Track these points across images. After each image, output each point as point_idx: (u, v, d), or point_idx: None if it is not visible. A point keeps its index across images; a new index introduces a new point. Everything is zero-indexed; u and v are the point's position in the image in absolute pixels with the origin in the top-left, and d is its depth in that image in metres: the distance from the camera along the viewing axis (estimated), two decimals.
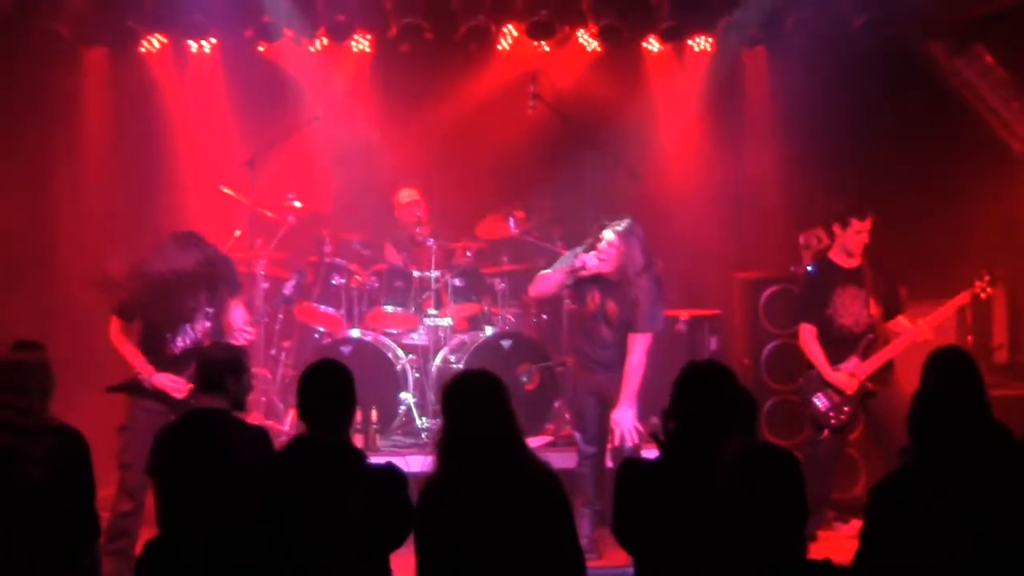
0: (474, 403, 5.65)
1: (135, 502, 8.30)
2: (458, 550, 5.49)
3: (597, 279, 8.90)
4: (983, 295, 9.38)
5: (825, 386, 9.29)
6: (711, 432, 5.54)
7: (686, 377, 5.73)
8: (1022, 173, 11.70)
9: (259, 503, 5.58)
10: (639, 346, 8.80)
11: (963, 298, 9.32)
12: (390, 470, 5.81)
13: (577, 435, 9.15)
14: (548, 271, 9.29)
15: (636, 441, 8.73)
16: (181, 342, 8.46)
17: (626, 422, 8.72)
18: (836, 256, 9.47)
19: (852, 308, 9.34)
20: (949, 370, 6.43)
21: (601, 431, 9.03)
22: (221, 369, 6.84)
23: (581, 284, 8.99)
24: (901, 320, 9.41)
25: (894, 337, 9.36)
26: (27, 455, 6.12)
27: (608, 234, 8.79)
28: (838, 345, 9.31)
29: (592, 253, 8.80)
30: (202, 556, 5.44)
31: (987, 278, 9.22)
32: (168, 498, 6.48)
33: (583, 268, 8.82)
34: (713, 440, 5.48)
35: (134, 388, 8.32)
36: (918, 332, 9.22)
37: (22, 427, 6.35)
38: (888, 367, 9.31)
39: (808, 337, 9.42)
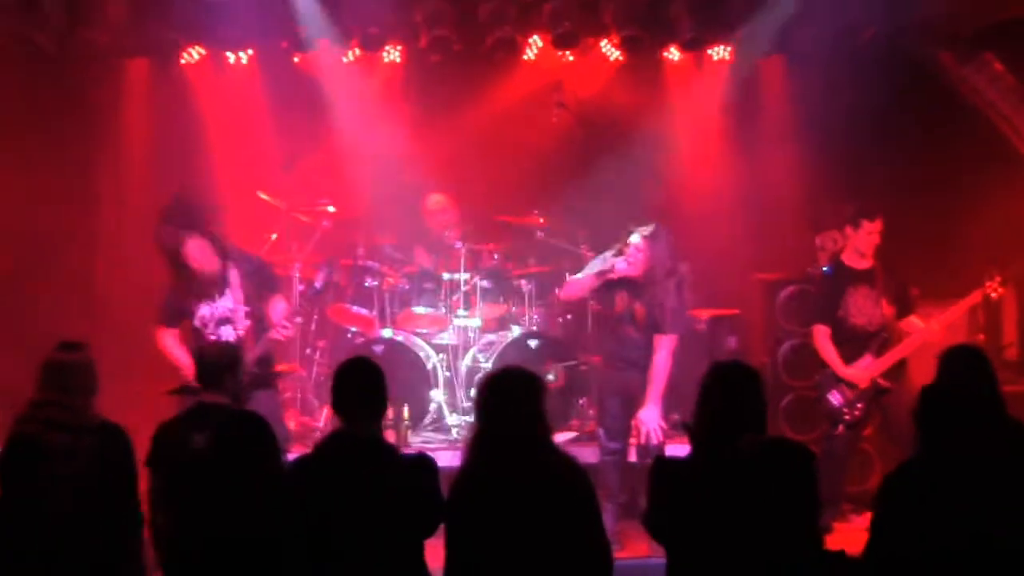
0: (508, 400, 5.67)
1: None
2: (487, 543, 5.53)
3: (625, 282, 8.95)
4: (994, 296, 9.36)
5: (839, 383, 9.30)
6: (737, 430, 5.57)
7: (714, 377, 5.76)
8: None
9: (298, 494, 5.60)
10: (664, 347, 8.85)
11: (974, 298, 9.32)
12: (421, 458, 5.87)
13: (600, 431, 9.19)
14: (578, 276, 9.34)
15: (661, 439, 8.78)
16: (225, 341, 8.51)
17: (651, 421, 8.77)
18: (848, 258, 9.48)
19: (865, 308, 9.34)
20: (963, 367, 6.43)
21: (624, 428, 9.08)
22: (220, 367, 6.94)
23: (609, 287, 9.04)
24: (912, 320, 9.41)
25: (906, 336, 9.35)
26: (75, 451, 6.18)
27: (635, 238, 8.85)
28: (852, 344, 9.32)
29: (620, 257, 8.84)
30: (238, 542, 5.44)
31: (998, 279, 9.21)
32: (169, 489, 6.51)
33: (611, 271, 8.86)
34: (739, 438, 5.51)
35: (188, 390, 8.38)
36: (930, 331, 9.23)
37: (69, 424, 6.42)
38: (901, 365, 9.31)
39: (822, 338, 9.44)
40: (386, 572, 5.62)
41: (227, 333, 8.61)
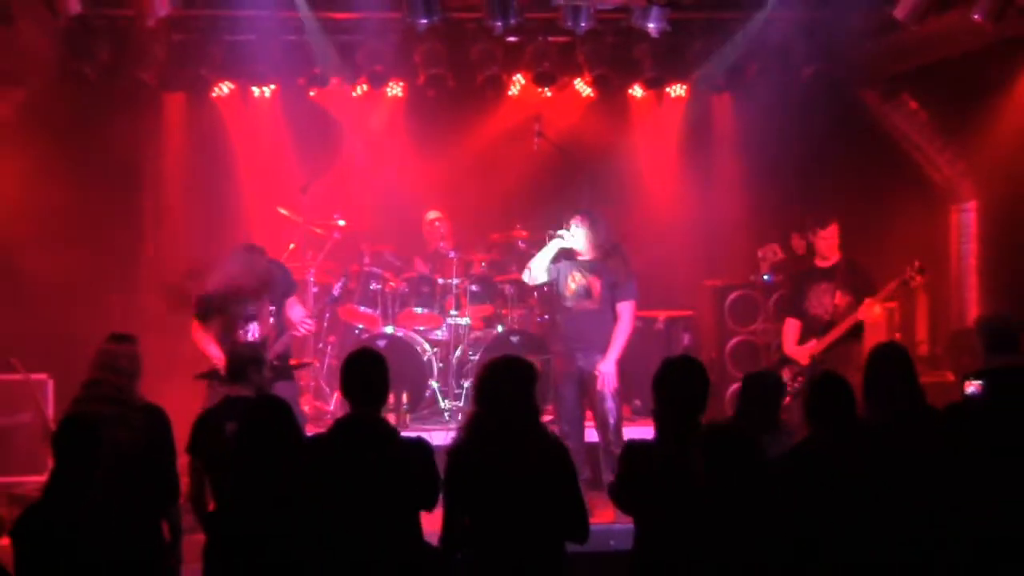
0: (507, 383, 5.73)
1: None
2: (483, 508, 5.58)
3: (577, 262, 9.00)
4: (912, 283, 9.24)
5: (788, 361, 9.29)
6: (688, 413, 5.62)
7: (665, 370, 5.80)
8: (941, 199, 11.75)
9: (314, 467, 5.64)
10: (626, 312, 9.00)
11: (894, 284, 9.17)
12: (420, 441, 5.89)
13: (557, 417, 9.20)
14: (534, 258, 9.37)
15: (616, 386, 8.90)
16: (251, 336, 8.53)
17: (608, 373, 8.88)
18: (817, 260, 9.43)
19: (823, 300, 9.26)
20: (887, 359, 6.43)
21: (578, 412, 9.09)
22: (245, 363, 6.97)
23: (563, 270, 9.11)
24: (865, 303, 9.23)
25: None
26: (122, 427, 6.20)
27: (573, 219, 9.05)
28: (813, 331, 9.25)
29: (564, 231, 9.05)
30: (261, 510, 5.49)
31: (917, 265, 9.08)
32: (208, 470, 6.53)
33: (560, 238, 9.04)
34: (691, 420, 5.56)
35: (215, 376, 8.40)
36: (861, 313, 9.11)
37: (118, 404, 6.44)
38: (850, 349, 9.16)
39: (787, 328, 9.40)
40: (386, 534, 5.66)
41: (254, 329, 8.62)
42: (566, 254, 9.15)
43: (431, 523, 5.86)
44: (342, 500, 5.61)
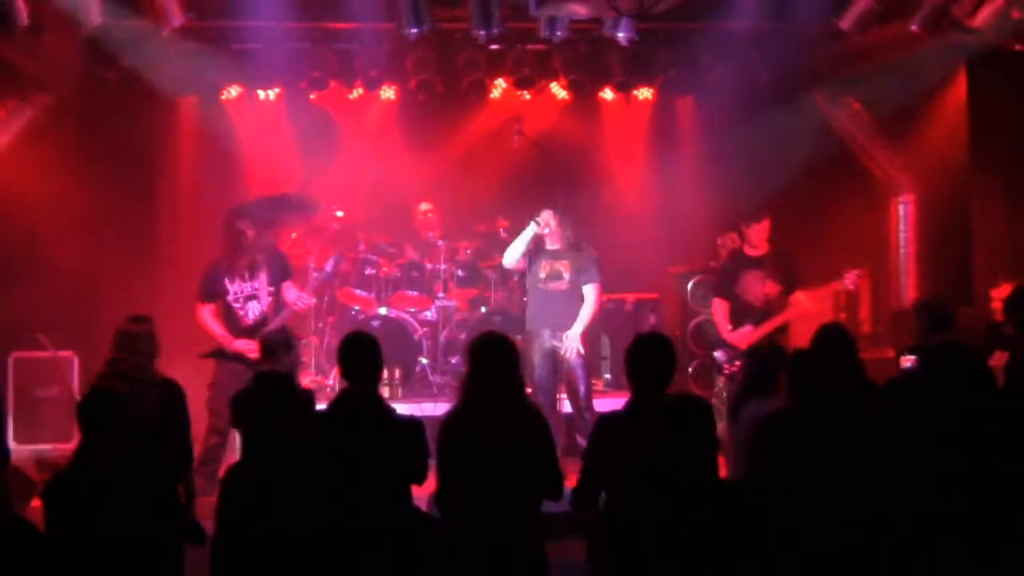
0: (490, 357, 5.75)
1: (221, 438, 8.43)
2: (470, 469, 5.61)
3: (548, 251, 9.10)
4: (852, 287, 9.27)
5: (724, 344, 9.29)
6: (657, 384, 5.64)
7: (637, 345, 5.82)
8: (882, 192, 11.82)
9: (317, 441, 5.68)
10: (592, 292, 9.10)
11: (836, 285, 9.22)
12: (412, 419, 5.89)
13: (533, 391, 9.16)
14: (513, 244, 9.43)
15: (583, 355, 9.00)
16: (252, 316, 8.56)
17: (574, 340, 8.96)
18: (747, 248, 9.45)
19: (754, 287, 9.27)
20: (832, 340, 6.48)
21: (553, 386, 9.10)
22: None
23: (535, 258, 9.17)
24: (798, 295, 9.28)
25: (788, 308, 9.32)
26: (141, 400, 6.23)
27: (545, 212, 9.13)
28: (744, 316, 9.27)
29: (538, 219, 9.12)
30: (269, 476, 5.54)
31: (856, 272, 9.12)
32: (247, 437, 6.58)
33: (535, 224, 9.09)
34: (659, 390, 5.60)
35: (220, 354, 8.44)
36: (800, 306, 9.18)
37: (136, 378, 6.47)
38: (783, 332, 9.23)
39: (717, 308, 9.44)
40: (380, 499, 5.68)
41: (253, 308, 8.63)
42: (537, 245, 9.21)
43: (421, 488, 5.91)
44: (343, 469, 5.62)
